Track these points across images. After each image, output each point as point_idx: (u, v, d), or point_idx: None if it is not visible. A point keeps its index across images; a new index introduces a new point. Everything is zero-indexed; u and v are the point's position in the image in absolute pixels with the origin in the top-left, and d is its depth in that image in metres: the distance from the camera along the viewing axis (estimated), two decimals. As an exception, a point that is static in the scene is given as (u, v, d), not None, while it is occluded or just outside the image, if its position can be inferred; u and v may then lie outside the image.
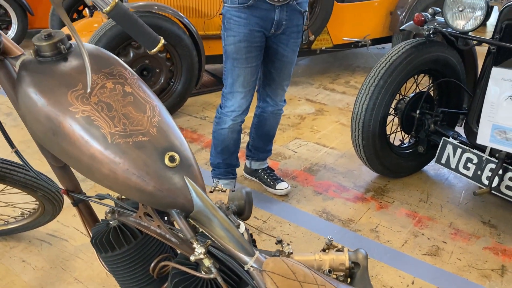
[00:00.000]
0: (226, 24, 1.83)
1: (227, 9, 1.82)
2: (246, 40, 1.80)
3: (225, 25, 1.84)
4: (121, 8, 0.77)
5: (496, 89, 1.82)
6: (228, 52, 1.86)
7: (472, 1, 1.89)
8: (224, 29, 1.85)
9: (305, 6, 1.86)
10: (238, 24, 1.79)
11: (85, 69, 0.79)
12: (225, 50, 1.88)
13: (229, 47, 1.84)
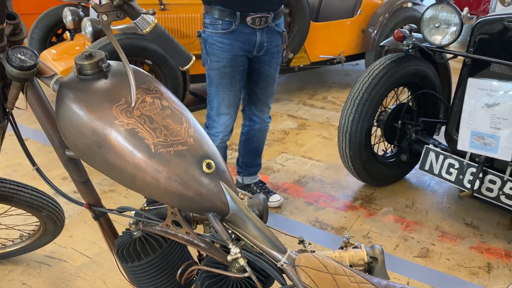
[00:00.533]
0: (208, 49, 1.88)
1: (209, 34, 1.86)
2: (230, 65, 1.86)
3: (208, 50, 1.88)
4: (159, 29, 0.83)
5: (473, 97, 1.96)
6: (212, 76, 1.90)
7: (447, 18, 2.05)
8: (207, 54, 1.89)
9: (283, 27, 1.96)
10: (222, 49, 1.84)
11: (125, 85, 0.84)
12: (209, 74, 1.92)
13: (213, 72, 1.89)
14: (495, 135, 1.93)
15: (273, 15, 1.83)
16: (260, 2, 1.78)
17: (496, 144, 1.94)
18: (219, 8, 1.79)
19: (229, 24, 1.80)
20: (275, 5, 1.82)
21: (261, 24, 1.81)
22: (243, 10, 1.77)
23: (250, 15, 1.78)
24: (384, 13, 3.86)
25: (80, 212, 2.23)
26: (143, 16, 0.81)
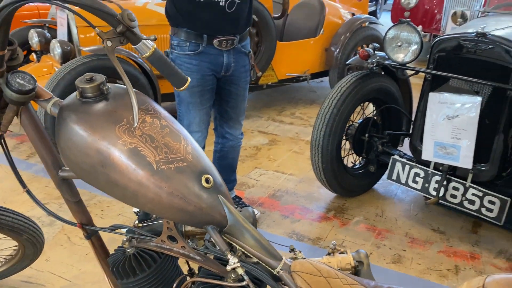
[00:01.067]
0: None
1: (177, 55, 1.91)
2: (199, 85, 1.91)
3: None
4: (158, 53, 0.89)
5: (434, 111, 2.11)
6: (182, 96, 1.95)
7: (408, 37, 2.21)
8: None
9: (249, 48, 2.03)
10: (191, 70, 1.89)
11: (125, 106, 0.88)
12: (178, 94, 1.97)
13: (182, 92, 1.93)
14: (456, 145, 2.07)
15: (239, 37, 1.90)
16: (225, 26, 1.84)
17: (457, 153, 2.08)
18: (186, 31, 1.86)
19: (196, 46, 1.87)
20: (240, 28, 1.89)
21: (228, 46, 1.88)
22: (210, 33, 1.84)
23: (217, 38, 1.85)
24: (345, 32, 4.04)
25: (55, 235, 2.20)
26: (144, 42, 0.86)
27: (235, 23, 1.85)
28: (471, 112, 2.01)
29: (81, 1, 0.79)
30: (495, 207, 2.04)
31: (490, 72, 1.98)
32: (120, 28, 0.82)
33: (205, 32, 1.83)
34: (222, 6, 1.78)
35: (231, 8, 1.81)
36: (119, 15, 0.83)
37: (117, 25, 0.83)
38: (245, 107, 2.13)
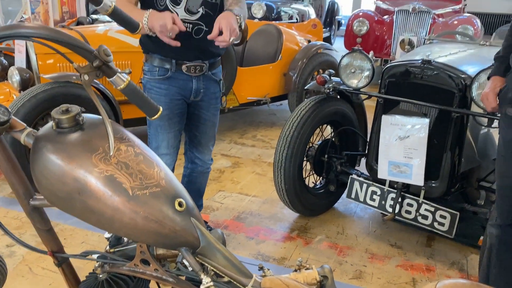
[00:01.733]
0: (147, 94, 1.96)
1: (147, 80, 1.96)
2: (167, 108, 1.95)
3: (147, 94, 1.98)
4: (132, 85, 0.94)
5: (387, 132, 2.25)
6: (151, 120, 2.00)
7: (361, 64, 2.36)
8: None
9: (220, 76, 2.08)
10: (159, 94, 1.94)
11: (100, 136, 0.92)
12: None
13: None
14: (408, 164, 2.22)
15: (208, 64, 1.96)
16: (192, 52, 1.90)
17: (410, 172, 2.22)
18: (156, 57, 1.91)
19: (165, 71, 1.92)
20: (207, 55, 1.94)
21: (196, 72, 1.93)
22: (177, 59, 1.89)
23: (185, 63, 1.90)
24: (302, 58, 4.22)
25: (16, 266, 2.14)
26: (118, 75, 0.91)
27: (202, 50, 1.91)
28: (420, 133, 2.16)
29: (61, 39, 0.84)
30: (446, 221, 2.18)
31: (436, 96, 2.15)
32: (97, 63, 0.87)
33: (173, 57, 1.88)
34: (189, 32, 1.84)
35: (198, 35, 1.87)
36: (96, 50, 0.88)
37: (94, 60, 0.88)
38: (215, 133, 2.18)
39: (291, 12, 7.11)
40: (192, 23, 1.84)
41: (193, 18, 1.84)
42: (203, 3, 1.84)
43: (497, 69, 1.67)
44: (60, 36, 0.85)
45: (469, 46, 2.83)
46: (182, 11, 1.82)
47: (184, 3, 1.81)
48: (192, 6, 1.83)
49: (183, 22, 1.81)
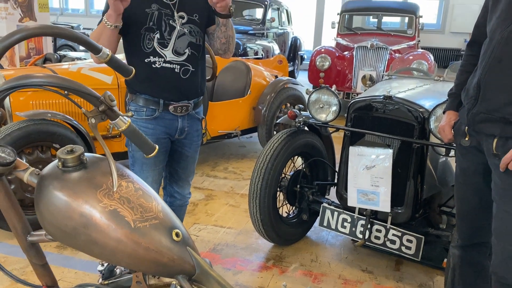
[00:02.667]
0: None
1: (134, 120, 2.00)
2: None
3: None
4: (132, 126, 1.03)
5: (354, 162, 2.40)
6: (137, 157, 2.04)
7: (328, 100, 2.53)
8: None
9: (202, 114, 2.18)
10: (146, 133, 1.98)
11: (103, 173, 1.00)
12: (133, 155, 2.05)
13: (137, 153, 2.02)
14: (375, 192, 2.37)
15: (193, 104, 2.05)
16: (180, 92, 1.99)
17: (377, 199, 2.37)
18: (143, 97, 1.97)
19: (153, 111, 1.99)
20: (193, 95, 2.03)
21: (182, 112, 2.01)
22: (166, 100, 1.97)
23: (172, 104, 1.97)
24: (270, 92, 4.40)
25: (-10, 307, 2.10)
26: (120, 118, 1.00)
27: (189, 90, 1.99)
28: (385, 163, 2.32)
29: (71, 86, 0.93)
30: (413, 245, 2.32)
31: (398, 128, 2.33)
32: (103, 107, 0.96)
33: (161, 97, 1.95)
34: (177, 72, 1.93)
35: (185, 75, 1.95)
36: (102, 96, 0.97)
37: (100, 105, 0.96)
38: (195, 168, 2.26)
39: (256, 48, 7.38)
40: (180, 64, 1.93)
41: (180, 59, 1.93)
42: (189, 44, 1.95)
43: (451, 105, 1.86)
44: (70, 84, 0.93)
45: (424, 81, 3.08)
46: (170, 53, 1.92)
47: (172, 45, 1.92)
48: (179, 48, 1.93)
49: (171, 63, 1.92)
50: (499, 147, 1.57)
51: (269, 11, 8.26)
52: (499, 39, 1.55)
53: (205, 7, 2.00)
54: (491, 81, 1.58)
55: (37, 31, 0.98)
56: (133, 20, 1.89)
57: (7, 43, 0.94)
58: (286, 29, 9.27)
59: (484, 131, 1.62)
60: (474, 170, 1.74)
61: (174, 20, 1.92)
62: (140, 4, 1.89)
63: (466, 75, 1.81)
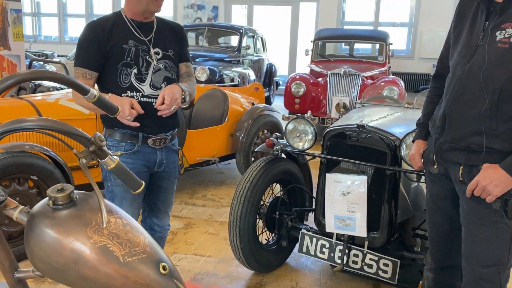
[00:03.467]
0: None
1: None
2: None
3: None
4: (120, 165, 1.08)
5: (331, 189, 2.48)
6: (116, 192, 2.04)
7: (304, 128, 2.63)
8: (110, 172, 2.07)
9: (177, 145, 2.21)
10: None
11: (92, 210, 1.03)
12: (112, 190, 2.05)
13: (117, 188, 2.03)
14: (352, 217, 2.44)
15: (170, 136, 2.09)
16: (158, 125, 2.03)
17: (354, 224, 2.44)
18: (121, 132, 1.99)
19: (132, 145, 2.01)
20: (169, 127, 2.08)
21: (161, 144, 2.04)
22: (145, 133, 2.00)
23: (151, 137, 2.01)
24: (247, 119, 4.49)
25: None
26: (109, 157, 1.05)
27: (166, 122, 2.03)
28: (360, 189, 2.41)
29: (63, 129, 0.97)
30: (389, 268, 2.39)
31: (371, 155, 2.43)
32: (93, 148, 1.01)
33: (140, 131, 1.98)
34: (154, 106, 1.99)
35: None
36: (92, 137, 1.02)
37: (90, 145, 1.01)
38: (173, 199, 2.28)
39: (232, 75, 7.51)
40: (157, 97, 1.98)
41: (157, 93, 1.98)
42: (165, 79, 2.01)
43: (419, 134, 1.97)
44: (62, 126, 0.98)
45: (395, 109, 3.21)
46: (148, 87, 1.97)
47: (149, 79, 1.98)
48: (156, 82, 1.99)
49: (149, 97, 1.98)
50: (465, 175, 1.67)
51: (244, 38, 8.45)
52: (461, 74, 1.68)
53: (177, 44, 2.09)
54: (455, 113, 1.69)
55: (29, 76, 1.03)
56: (111, 56, 1.94)
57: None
58: (261, 56, 9.48)
59: (450, 160, 1.73)
60: (444, 196, 1.83)
61: (150, 56, 1.99)
62: (118, 40, 1.95)
63: (432, 105, 1.93)
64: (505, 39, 1.56)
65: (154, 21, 2.05)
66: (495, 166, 1.57)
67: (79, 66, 1.94)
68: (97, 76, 1.96)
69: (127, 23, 1.98)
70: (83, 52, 1.95)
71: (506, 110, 1.57)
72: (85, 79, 1.93)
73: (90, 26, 1.96)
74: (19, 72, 1.04)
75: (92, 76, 1.94)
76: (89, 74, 1.94)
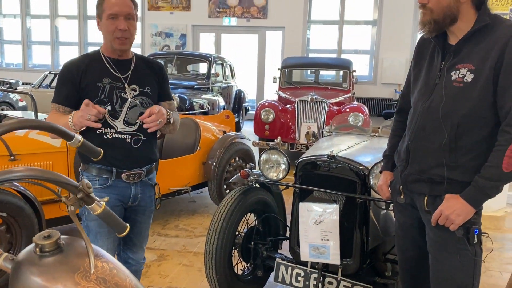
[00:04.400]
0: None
1: None
2: None
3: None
4: (107, 209, 1.11)
5: (304, 218, 2.55)
6: (91, 226, 2.06)
7: (277, 159, 2.71)
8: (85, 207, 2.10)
9: (155, 180, 2.26)
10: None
11: (79, 255, 1.06)
12: (87, 224, 2.06)
13: (91, 222, 2.05)
14: (325, 245, 2.51)
15: (146, 171, 2.13)
16: (132, 161, 2.06)
17: (328, 252, 2.51)
18: (96, 167, 2.03)
19: (106, 180, 2.04)
20: (145, 163, 2.12)
21: (135, 179, 2.08)
22: (119, 168, 2.03)
23: (125, 172, 2.04)
24: (219, 148, 4.54)
25: None
26: (96, 203, 1.08)
27: (140, 158, 2.07)
28: (332, 217, 2.49)
29: (52, 178, 1.00)
30: (362, 294, 2.47)
31: (342, 185, 2.53)
32: (81, 195, 1.04)
33: (114, 166, 2.02)
34: (128, 142, 2.02)
35: (136, 144, 2.04)
36: (79, 185, 1.05)
37: (78, 192, 1.04)
38: (148, 233, 2.30)
39: (202, 102, 7.58)
40: (131, 134, 2.04)
41: (131, 129, 2.04)
42: (140, 115, 2.05)
43: (386, 166, 2.09)
44: (51, 176, 1.01)
45: (362, 137, 3.35)
46: (121, 123, 2.02)
47: (123, 116, 2.02)
48: (130, 118, 2.04)
49: (122, 133, 2.01)
50: (429, 204, 1.78)
51: (213, 66, 8.58)
52: (421, 111, 1.81)
53: (156, 82, 2.16)
54: (418, 147, 1.82)
55: (16, 126, 1.06)
56: (85, 94, 2.00)
57: None
58: (230, 82, 9.61)
59: (415, 190, 1.84)
60: (411, 224, 1.94)
61: (125, 92, 2.05)
62: (92, 78, 2.01)
63: (396, 138, 2.05)
64: (459, 78, 1.71)
65: (133, 58, 2.11)
66: (456, 197, 1.69)
67: (55, 102, 2.02)
68: (71, 111, 1.98)
69: (104, 61, 2.04)
70: (59, 89, 2.03)
71: (464, 143, 1.70)
72: (58, 112, 2.00)
73: (67, 65, 2.05)
74: (6, 122, 1.07)
75: (65, 111, 2.01)
76: (63, 109, 2.01)
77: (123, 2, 1.96)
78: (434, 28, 1.69)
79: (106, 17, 1.96)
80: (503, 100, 1.62)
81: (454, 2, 1.65)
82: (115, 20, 1.95)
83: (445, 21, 1.67)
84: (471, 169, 1.68)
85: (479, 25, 1.66)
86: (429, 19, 1.68)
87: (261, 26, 11.56)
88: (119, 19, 1.95)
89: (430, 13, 1.67)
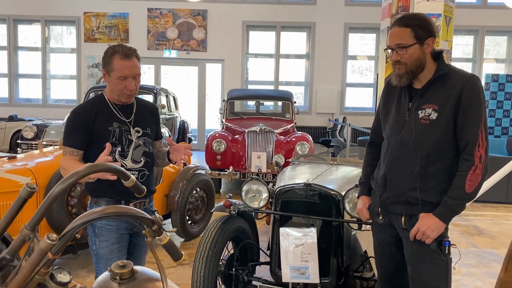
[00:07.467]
0: (97, 232, 2.21)
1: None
2: (117, 242, 2.22)
3: (96, 232, 2.21)
4: (170, 239, 1.26)
5: (285, 242, 2.78)
6: (101, 254, 2.20)
7: (258, 188, 2.93)
8: (95, 236, 2.21)
9: (153, 206, 2.44)
10: (110, 231, 2.20)
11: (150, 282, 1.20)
12: (97, 253, 2.21)
13: (102, 250, 2.20)
14: (305, 266, 2.75)
15: (148, 199, 2.33)
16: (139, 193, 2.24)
17: (308, 273, 2.75)
18: (106, 199, 2.19)
19: None
20: (149, 193, 2.32)
21: (141, 207, 2.26)
22: (126, 199, 2.20)
23: (132, 202, 2.22)
24: (182, 180, 4.66)
25: None
26: (164, 233, 1.24)
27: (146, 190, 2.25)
28: (311, 240, 2.75)
29: (133, 214, 1.16)
30: (340, 309, 2.72)
31: (319, 210, 2.80)
32: (155, 227, 1.20)
33: (122, 198, 2.18)
34: (136, 178, 2.17)
35: (142, 178, 2.26)
36: (154, 218, 1.21)
37: (153, 225, 1.20)
38: (145, 258, 2.42)
39: (150, 133, 7.59)
40: (138, 170, 2.24)
41: (138, 166, 2.24)
42: (143, 153, 2.26)
43: (363, 191, 2.39)
44: (127, 211, 1.16)
45: (323, 166, 3.67)
46: (130, 162, 2.20)
47: (130, 155, 2.20)
48: (136, 157, 2.24)
49: (130, 170, 2.16)
50: (407, 223, 2.10)
51: (159, 97, 8.66)
52: (395, 143, 2.14)
53: (153, 122, 2.37)
54: (394, 174, 2.14)
55: (86, 172, 1.20)
56: (98, 137, 2.18)
57: (64, 187, 1.15)
58: (174, 114, 9.71)
59: (393, 211, 2.16)
60: (389, 241, 2.24)
61: (131, 134, 2.25)
62: (103, 123, 2.19)
63: (370, 167, 2.37)
64: (426, 116, 2.07)
65: (134, 103, 2.28)
66: (429, 215, 2.02)
67: (69, 146, 2.15)
68: (83, 153, 2.12)
69: (110, 106, 2.20)
70: (71, 134, 2.17)
71: (433, 170, 2.05)
72: (72, 156, 2.11)
73: (78, 111, 2.19)
74: (77, 170, 1.20)
75: (78, 154, 2.16)
76: (76, 152, 2.16)
77: (132, 65, 2.13)
78: (411, 78, 2.05)
79: (115, 77, 2.12)
80: (462, 135, 2.00)
81: (422, 54, 2.02)
82: (124, 80, 2.11)
83: (418, 70, 2.04)
84: (439, 192, 2.03)
85: (439, 73, 2.05)
86: (404, 71, 2.03)
87: (201, 59, 11.85)
88: (128, 80, 2.12)
89: (404, 66, 2.03)
